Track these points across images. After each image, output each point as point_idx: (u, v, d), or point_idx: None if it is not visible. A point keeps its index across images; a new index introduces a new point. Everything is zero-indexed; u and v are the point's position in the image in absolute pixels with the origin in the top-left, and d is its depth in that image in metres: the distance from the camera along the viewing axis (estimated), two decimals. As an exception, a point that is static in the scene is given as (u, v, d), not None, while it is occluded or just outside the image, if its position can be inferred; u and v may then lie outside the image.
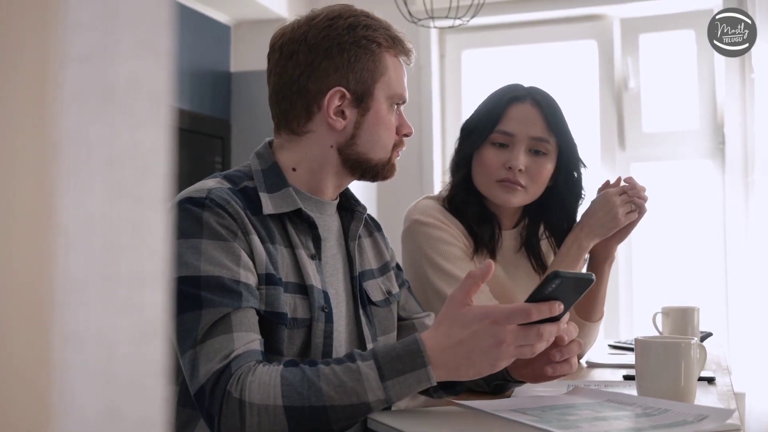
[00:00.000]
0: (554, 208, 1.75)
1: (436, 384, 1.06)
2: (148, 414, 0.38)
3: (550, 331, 1.06)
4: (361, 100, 1.26)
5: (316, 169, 1.28)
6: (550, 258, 1.82)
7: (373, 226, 1.46)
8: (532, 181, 1.67)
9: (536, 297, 1.05)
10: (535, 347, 1.06)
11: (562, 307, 1.06)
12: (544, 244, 1.83)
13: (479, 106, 1.75)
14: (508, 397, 1.38)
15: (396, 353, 1.05)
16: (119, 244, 0.36)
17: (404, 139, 1.34)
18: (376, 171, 1.30)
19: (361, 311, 1.31)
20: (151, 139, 0.38)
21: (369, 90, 1.26)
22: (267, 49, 1.30)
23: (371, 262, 1.40)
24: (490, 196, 1.69)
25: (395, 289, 1.43)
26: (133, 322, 0.37)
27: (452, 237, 1.66)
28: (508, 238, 1.77)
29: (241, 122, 3.44)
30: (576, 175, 1.73)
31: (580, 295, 1.11)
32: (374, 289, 1.37)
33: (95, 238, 0.35)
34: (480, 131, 1.68)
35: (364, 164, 1.29)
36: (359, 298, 1.32)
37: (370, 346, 1.29)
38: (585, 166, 1.75)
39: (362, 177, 1.32)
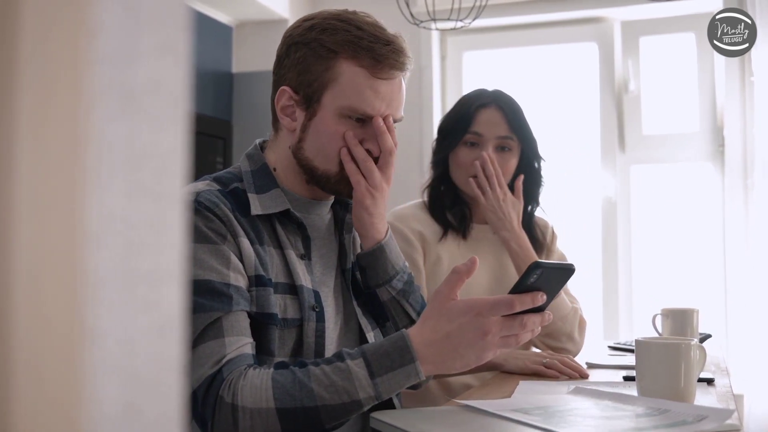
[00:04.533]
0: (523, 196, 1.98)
1: (424, 378, 1.08)
2: (165, 410, 0.39)
3: (533, 321, 1.08)
4: (308, 104, 1.24)
5: (284, 169, 1.29)
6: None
7: None
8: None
9: (519, 288, 1.07)
10: (519, 337, 1.09)
11: (544, 297, 1.08)
12: None
13: (451, 110, 1.99)
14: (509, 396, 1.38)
15: (384, 350, 1.07)
16: (138, 243, 0.37)
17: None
18: (323, 181, 1.27)
19: (355, 302, 1.32)
20: (169, 140, 0.39)
21: (316, 95, 1.23)
22: (269, 50, 1.31)
23: None
24: (466, 189, 1.93)
25: None
26: (151, 319, 0.38)
27: (407, 245, 1.86)
28: (484, 231, 1.98)
29: (243, 123, 3.45)
30: (537, 165, 1.98)
31: (563, 284, 1.13)
32: None
33: (116, 237, 0.36)
34: (454, 134, 1.93)
35: (311, 171, 1.26)
36: (353, 290, 1.33)
37: (370, 335, 1.30)
38: (543, 159, 1.99)
39: (317, 185, 1.28)
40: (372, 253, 1.30)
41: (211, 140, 3.32)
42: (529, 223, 2.01)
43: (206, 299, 1.10)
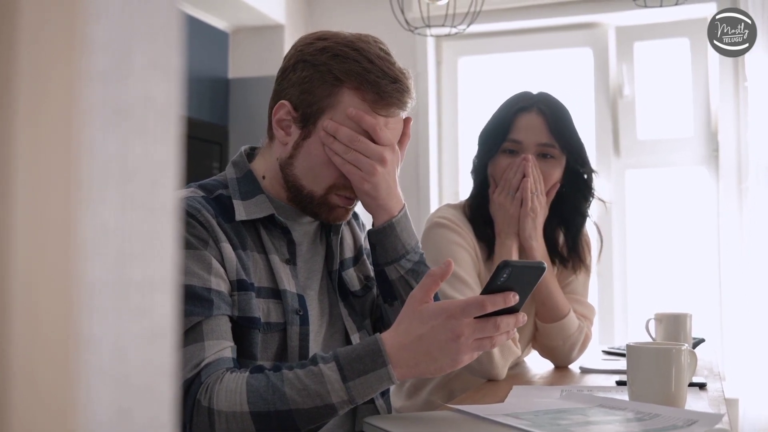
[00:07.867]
0: (566, 209, 1.86)
1: (398, 382, 1.08)
2: (157, 415, 0.40)
3: (507, 323, 1.08)
4: (305, 123, 1.24)
5: (272, 178, 1.29)
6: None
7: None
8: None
9: (490, 288, 1.06)
10: (494, 339, 1.09)
11: (517, 297, 1.07)
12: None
13: (492, 116, 1.85)
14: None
15: (357, 354, 1.07)
16: (131, 253, 0.38)
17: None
18: (305, 202, 1.27)
19: (341, 304, 1.33)
20: (161, 154, 0.40)
21: (314, 117, 1.23)
22: (265, 56, 1.32)
23: (350, 251, 1.41)
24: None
25: (371, 273, 1.43)
26: (144, 327, 0.39)
27: (464, 241, 1.76)
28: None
29: (239, 128, 3.46)
30: (585, 176, 1.84)
31: (535, 284, 1.12)
32: (352, 279, 1.38)
33: (110, 247, 0.37)
34: (492, 141, 1.81)
35: (296, 189, 1.26)
36: (339, 292, 1.33)
37: (354, 336, 1.31)
38: (595, 172, 1.87)
39: (297, 205, 1.28)
40: (382, 231, 1.29)
41: (207, 145, 3.33)
42: (575, 241, 1.88)
43: (187, 304, 1.11)
